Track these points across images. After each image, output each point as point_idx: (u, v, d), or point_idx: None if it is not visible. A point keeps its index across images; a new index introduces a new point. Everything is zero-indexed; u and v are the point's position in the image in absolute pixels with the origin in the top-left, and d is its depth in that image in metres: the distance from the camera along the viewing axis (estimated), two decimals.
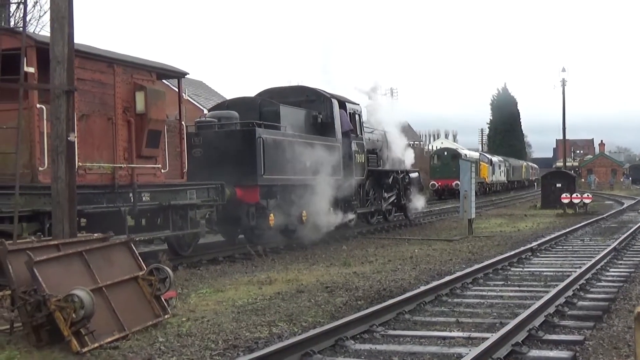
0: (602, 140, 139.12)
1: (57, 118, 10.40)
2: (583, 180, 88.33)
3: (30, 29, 24.93)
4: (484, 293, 12.24)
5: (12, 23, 24.25)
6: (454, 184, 51.27)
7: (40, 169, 12.73)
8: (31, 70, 12.68)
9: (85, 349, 8.39)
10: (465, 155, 54.60)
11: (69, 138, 10.40)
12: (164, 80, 20.15)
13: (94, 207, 13.95)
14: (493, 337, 8.10)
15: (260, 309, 10.94)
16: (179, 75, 17.22)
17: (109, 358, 8.21)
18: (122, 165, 14.67)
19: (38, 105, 12.79)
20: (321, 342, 8.39)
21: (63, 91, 10.36)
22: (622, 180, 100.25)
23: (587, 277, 13.10)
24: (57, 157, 10.39)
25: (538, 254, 17.61)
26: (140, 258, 10.47)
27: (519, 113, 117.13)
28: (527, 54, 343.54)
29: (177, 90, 17.53)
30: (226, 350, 8.49)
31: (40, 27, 27.55)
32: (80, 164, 13.25)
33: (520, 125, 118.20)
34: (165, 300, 10.30)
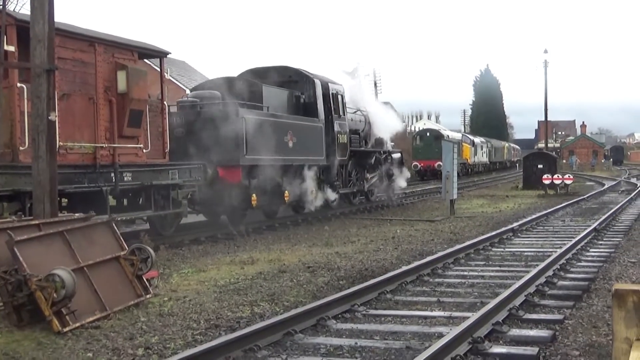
0: (583, 122, 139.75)
1: (38, 97, 10.33)
2: (564, 161, 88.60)
3: (10, 7, 24.67)
4: (465, 273, 12.29)
5: None
6: (436, 164, 51.40)
7: (20, 148, 12.64)
8: (11, 49, 12.55)
9: (67, 329, 8.38)
10: (448, 136, 54.76)
11: (49, 117, 10.33)
12: (145, 60, 20.02)
13: (75, 187, 13.88)
14: (474, 316, 8.14)
15: (242, 288, 10.96)
16: (160, 54, 17.11)
17: (91, 337, 8.20)
18: (104, 145, 14.59)
19: (18, 84, 12.67)
20: (303, 322, 8.41)
21: (43, 70, 10.29)
22: (602, 161, 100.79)
23: (567, 257, 13.18)
24: (37, 136, 10.33)
25: (519, 234, 17.70)
26: (121, 238, 10.45)
27: (501, 94, 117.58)
28: (510, 36, 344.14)
29: (159, 69, 17.44)
30: (208, 329, 8.50)
31: (21, 5, 27.31)
32: (61, 143, 13.16)
33: (503, 107, 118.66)
34: (147, 280, 10.30)
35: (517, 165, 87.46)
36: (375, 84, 55.11)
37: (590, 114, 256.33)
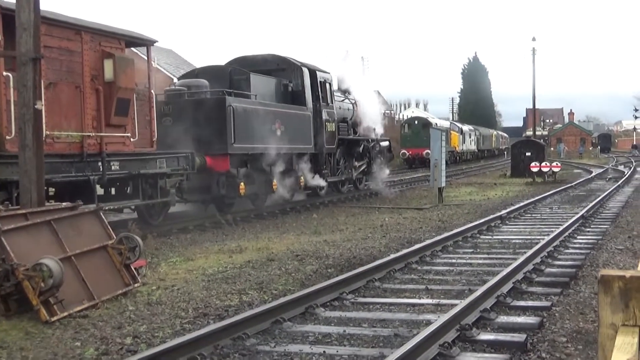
0: (571, 110, 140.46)
1: (24, 86, 10.27)
2: (552, 149, 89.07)
3: None
4: (454, 260, 12.32)
5: None
6: (424, 152, 51.35)
7: (7, 137, 12.56)
8: None
9: (54, 318, 8.36)
10: (436, 124, 54.85)
11: (35, 106, 10.28)
12: (133, 49, 19.94)
13: (62, 176, 13.82)
14: (462, 303, 8.16)
15: (230, 277, 10.95)
16: (148, 43, 17.03)
17: (79, 327, 8.19)
18: (91, 133, 14.53)
19: (4, 73, 12.59)
20: (291, 310, 8.42)
21: (29, 58, 10.22)
22: (590, 149, 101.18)
23: (555, 244, 13.23)
24: (24, 125, 10.27)
25: (507, 221, 17.75)
26: (109, 227, 10.43)
27: (489, 82, 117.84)
28: (498, 25, 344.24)
29: (146, 58, 17.37)
30: (196, 318, 8.50)
31: None
32: (48, 132, 13.11)
33: (491, 95, 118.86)
34: (135, 269, 10.29)
35: (505, 153, 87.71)
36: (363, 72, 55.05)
37: (578, 102, 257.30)
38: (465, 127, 72.37)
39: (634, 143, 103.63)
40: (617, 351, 2.16)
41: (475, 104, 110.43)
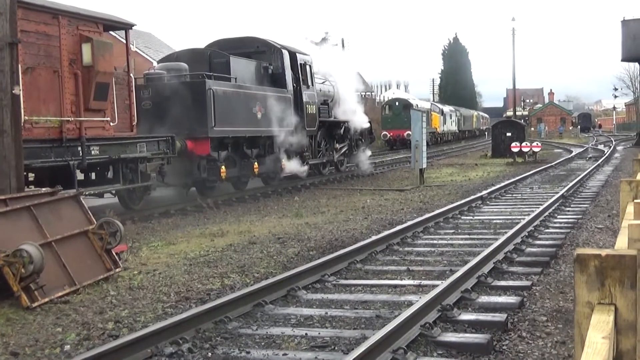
0: (551, 89, 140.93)
1: (1, 71, 10.18)
2: (533, 129, 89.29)
3: None
4: (435, 241, 12.37)
5: None
6: (405, 134, 51.42)
7: None
8: None
9: (36, 304, 8.34)
10: (417, 105, 54.76)
11: (13, 91, 10.21)
12: (111, 32, 19.80)
13: (41, 162, 13.74)
14: (443, 284, 8.20)
15: (212, 260, 10.96)
16: (126, 26, 16.93)
17: (60, 312, 8.17)
18: (70, 118, 14.45)
19: None
20: (273, 293, 8.44)
21: (6, 43, 10.13)
22: (570, 128, 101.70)
23: (535, 224, 13.31)
24: (2, 111, 10.19)
25: (488, 202, 17.83)
26: (89, 212, 10.39)
27: (469, 63, 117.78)
28: (478, 5, 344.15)
29: (124, 42, 17.27)
30: (178, 302, 8.50)
31: None
32: (27, 117, 13.02)
33: (471, 75, 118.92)
34: (116, 253, 10.26)
35: (486, 133, 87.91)
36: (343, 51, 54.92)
37: (558, 82, 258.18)
38: (446, 108, 72.46)
39: (598, 122, 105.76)
40: (592, 329, 2.18)
41: (455, 85, 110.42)
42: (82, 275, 9.39)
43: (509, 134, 39.25)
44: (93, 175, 16.36)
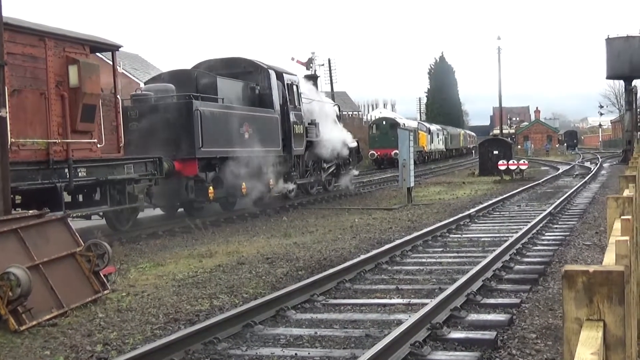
0: (537, 107, 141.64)
1: None
2: (520, 147, 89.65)
3: None
4: (424, 260, 12.38)
5: None
6: (393, 153, 51.45)
7: None
8: None
9: (23, 327, 8.29)
10: (404, 124, 54.90)
11: (0, 114, 10.19)
12: (98, 54, 19.81)
13: (28, 184, 13.70)
14: (432, 302, 8.20)
15: (200, 281, 10.92)
16: (112, 48, 16.94)
17: (48, 335, 8.12)
18: (57, 140, 14.42)
19: None
20: (262, 313, 8.42)
21: None
22: (557, 146, 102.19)
23: (523, 241, 13.34)
24: None
25: (476, 220, 17.86)
26: (77, 234, 10.35)
27: (456, 82, 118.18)
28: (464, 24, 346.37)
29: (111, 63, 17.27)
30: (167, 323, 8.47)
31: None
32: (13, 140, 12.98)
33: (458, 94, 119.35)
34: (104, 275, 10.22)
35: (473, 151, 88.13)
36: (330, 74, 55.08)
37: (544, 100, 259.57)
38: (433, 127, 72.63)
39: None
40: (581, 346, 2.19)
41: (442, 104, 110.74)
42: (70, 297, 9.34)
43: (496, 152, 39.34)
44: (80, 197, 16.30)
